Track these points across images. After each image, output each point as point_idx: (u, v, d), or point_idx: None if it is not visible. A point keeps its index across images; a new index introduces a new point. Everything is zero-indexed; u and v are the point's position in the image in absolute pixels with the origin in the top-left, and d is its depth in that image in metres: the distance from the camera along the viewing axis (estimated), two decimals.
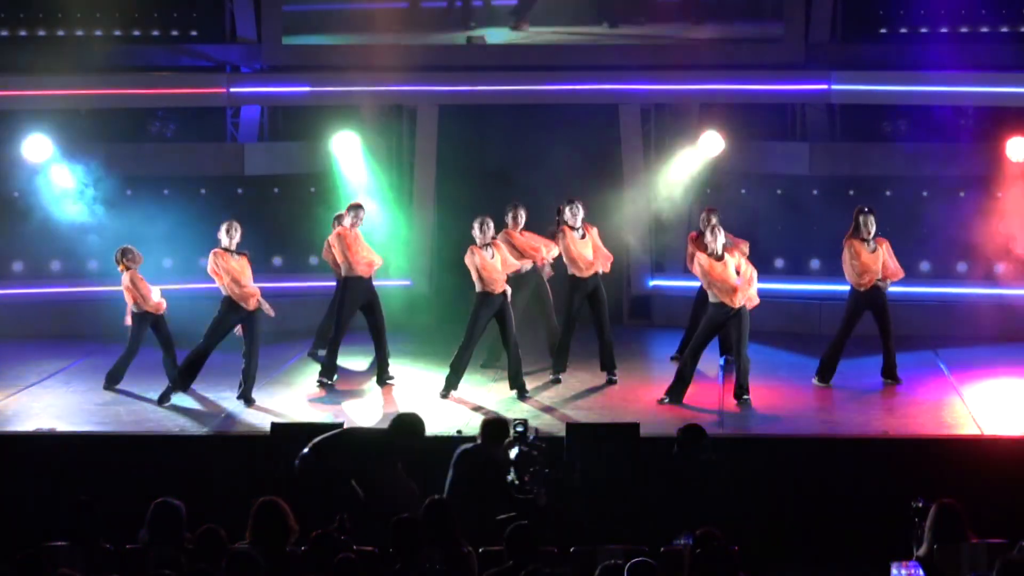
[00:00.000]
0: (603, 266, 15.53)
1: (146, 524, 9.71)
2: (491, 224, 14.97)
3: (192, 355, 14.88)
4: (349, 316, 15.58)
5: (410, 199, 18.93)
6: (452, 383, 14.94)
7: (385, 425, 13.94)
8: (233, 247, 14.91)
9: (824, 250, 18.53)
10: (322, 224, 18.88)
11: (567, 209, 15.41)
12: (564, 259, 15.47)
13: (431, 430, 13.66)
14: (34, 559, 8.79)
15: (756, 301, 14.56)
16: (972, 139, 18.17)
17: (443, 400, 14.81)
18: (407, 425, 11.62)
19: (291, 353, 16.88)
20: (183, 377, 14.90)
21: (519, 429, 11.34)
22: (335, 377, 15.50)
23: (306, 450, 11.40)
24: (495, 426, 11.46)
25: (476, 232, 14.87)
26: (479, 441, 11.39)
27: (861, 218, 15.14)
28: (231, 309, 14.86)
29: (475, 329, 14.94)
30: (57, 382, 15.74)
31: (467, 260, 14.92)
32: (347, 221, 15.61)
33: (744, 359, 14.45)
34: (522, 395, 14.89)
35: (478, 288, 14.92)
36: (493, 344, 15.76)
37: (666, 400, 14.48)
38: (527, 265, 15.67)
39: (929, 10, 18.79)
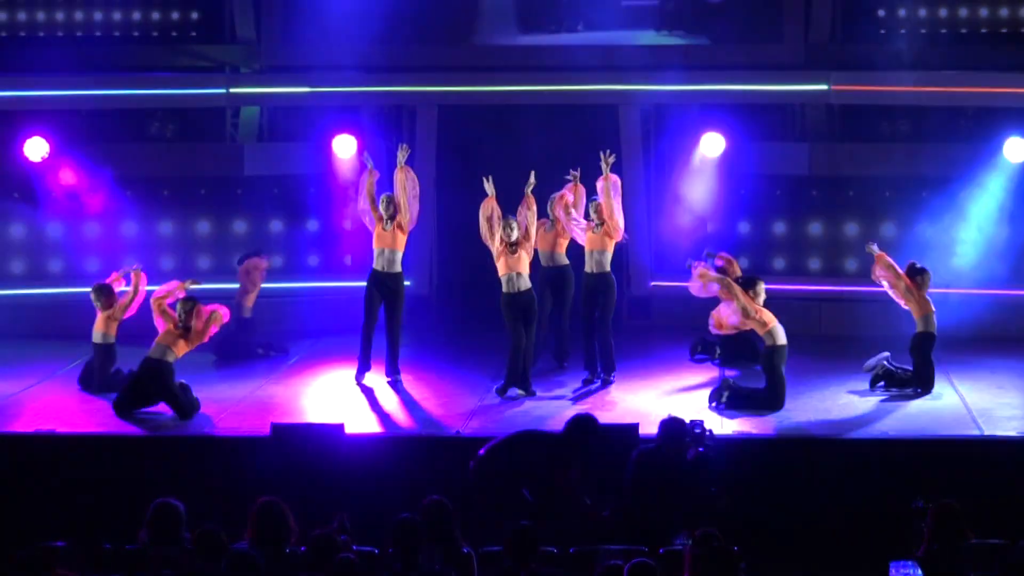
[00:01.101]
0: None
1: (146, 524, 9.72)
2: (513, 224, 14.81)
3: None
4: (367, 308, 15.43)
5: None
6: (511, 382, 14.89)
7: (385, 425, 14.04)
8: None
9: (823, 251, 18.55)
10: (322, 224, 18.95)
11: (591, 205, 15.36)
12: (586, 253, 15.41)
13: (430, 431, 13.76)
14: (34, 559, 8.79)
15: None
16: (971, 140, 18.18)
17: (500, 397, 14.77)
18: (582, 426, 11.59)
19: (292, 353, 16.88)
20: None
21: (697, 431, 11.33)
22: (366, 373, 15.45)
23: (481, 452, 11.40)
24: (674, 427, 11.42)
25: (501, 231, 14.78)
26: (658, 442, 11.36)
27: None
28: None
29: (513, 330, 14.84)
30: (57, 382, 15.75)
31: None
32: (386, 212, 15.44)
33: None
34: (527, 393, 14.90)
35: (504, 288, 14.89)
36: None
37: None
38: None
39: (928, 11, 18.81)
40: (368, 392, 15.23)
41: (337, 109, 18.86)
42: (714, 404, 14.18)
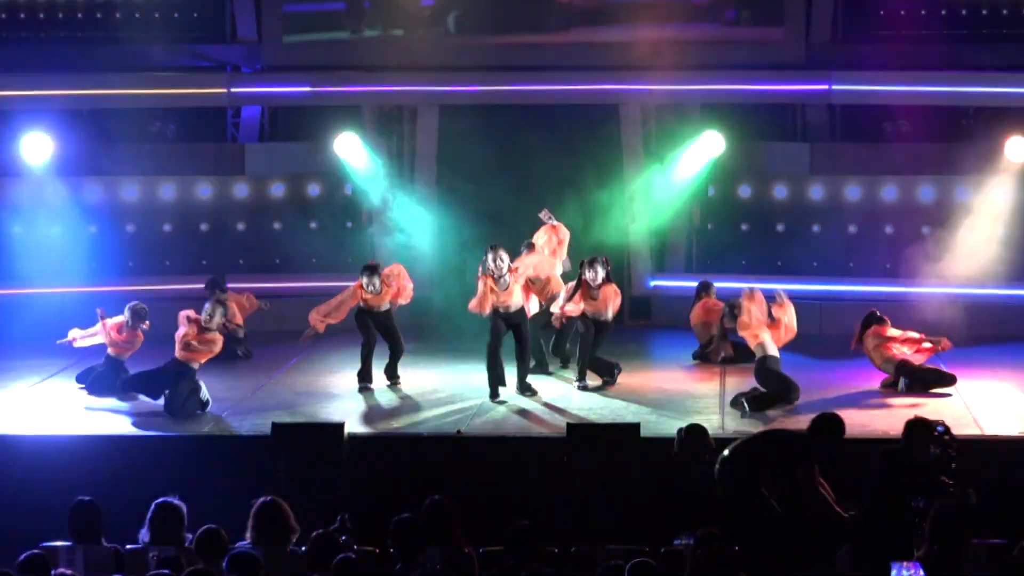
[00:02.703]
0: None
1: (147, 524, 9.73)
2: (504, 256, 14.76)
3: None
4: (362, 333, 15.38)
5: (410, 199, 18.93)
6: (527, 381, 15.02)
7: (385, 425, 14.04)
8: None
9: (823, 251, 18.53)
10: (323, 224, 18.94)
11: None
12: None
13: (429, 431, 13.75)
14: (34, 559, 8.79)
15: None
16: (972, 139, 18.19)
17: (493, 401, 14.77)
18: (828, 426, 11.50)
19: (292, 353, 16.88)
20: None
21: (939, 429, 11.31)
22: (370, 383, 15.37)
23: (726, 452, 11.31)
24: (920, 427, 11.37)
25: (490, 263, 14.71)
26: (904, 442, 11.31)
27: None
28: None
29: (521, 347, 14.94)
30: (57, 382, 15.74)
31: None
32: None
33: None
34: (527, 394, 14.90)
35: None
36: (536, 351, 15.68)
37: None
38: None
39: (929, 11, 18.80)
40: (368, 392, 15.22)
41: (338, 108, 18.85)
42: (741, 414, 14.15)
